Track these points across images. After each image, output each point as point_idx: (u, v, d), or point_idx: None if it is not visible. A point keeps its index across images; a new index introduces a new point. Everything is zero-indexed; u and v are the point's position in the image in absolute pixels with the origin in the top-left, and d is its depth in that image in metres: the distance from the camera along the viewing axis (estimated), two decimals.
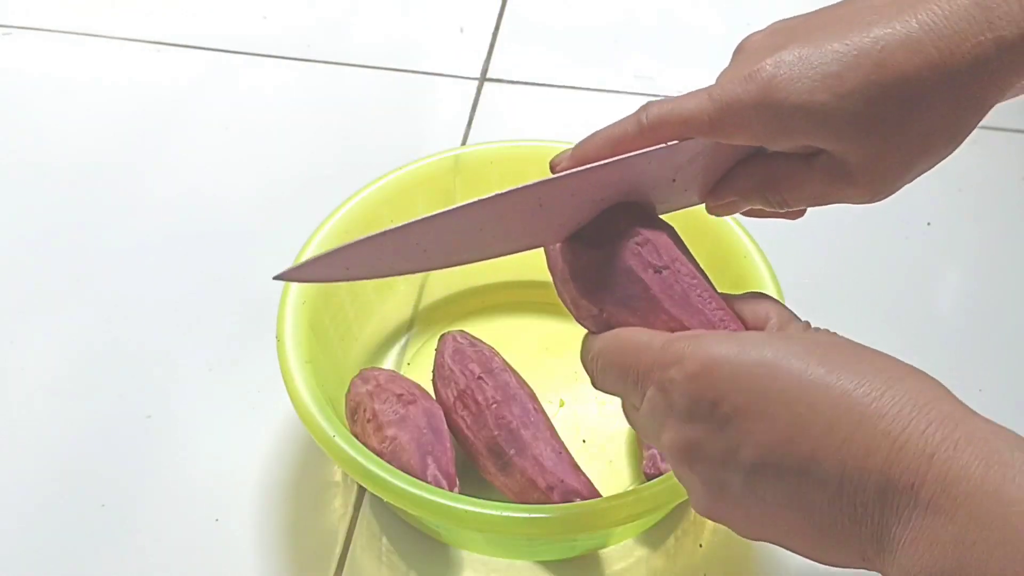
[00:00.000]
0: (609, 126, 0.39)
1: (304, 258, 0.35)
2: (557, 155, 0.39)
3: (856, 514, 0.28)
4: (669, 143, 0.37)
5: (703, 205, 0.41)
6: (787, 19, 0.38)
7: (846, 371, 0.29)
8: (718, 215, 0.41)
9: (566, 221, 0.38)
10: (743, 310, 0.37)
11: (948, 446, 0.27)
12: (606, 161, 0.37)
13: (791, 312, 0.36)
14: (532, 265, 0.64)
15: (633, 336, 0.35)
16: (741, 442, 0.30)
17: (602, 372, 0.36)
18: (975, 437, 0.27)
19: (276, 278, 0.37)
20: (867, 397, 0.28)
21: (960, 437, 0.27)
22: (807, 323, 0.35)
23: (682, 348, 0.32)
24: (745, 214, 0.42)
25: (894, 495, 0.27)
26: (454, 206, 0.35)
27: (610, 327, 0.37)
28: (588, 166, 0.37)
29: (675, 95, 0.37)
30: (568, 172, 0.37)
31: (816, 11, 0.36)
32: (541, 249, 0.41)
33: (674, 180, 0.39)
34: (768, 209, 0.39)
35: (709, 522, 0.53)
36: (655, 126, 0.37)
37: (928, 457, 0.27)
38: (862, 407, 0.28)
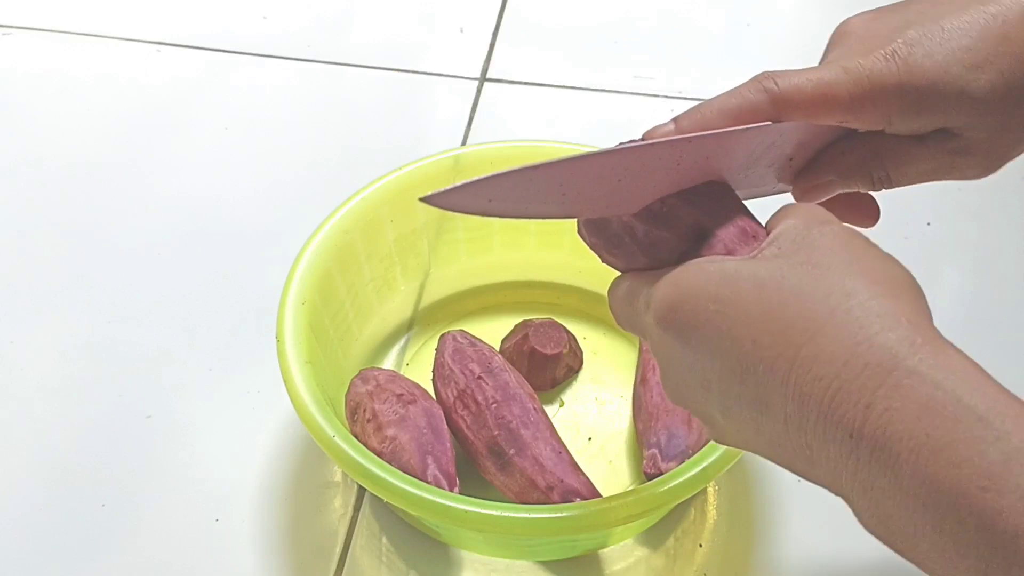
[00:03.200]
0: (726, 95, 0.36)
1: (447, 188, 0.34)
2: (655, 127, 0.37)
3: (809, 455, 0.28)
4: (760, 125, 0.35)
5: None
6: (885, 6, 0.37)
7: (794, 299, 0.28)
8: (806, 199, 0.38)
9: (641, 196, 0.36)
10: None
11: (884, 393, 0.25)
12: (753, 126, 0.34)
13: (796, 219, 0.33)
14: (532, 265, 0.64)
15: (625, 284, 0.36)
16: (707, 378, 0.31)
17: (617, 316, 0.37)
18: (915, 383, 0.25)
19: (422, 199, 0.34)
20: (804, 334, 0.28)
21: (898, 382, 0.25)
22: (803, 224, 0.32)
23: (648, 294, 0.33)
24: (827, 204, 0.39)
25: (835, 444, 0.26)
26: (599, 150, 0.34)
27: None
28: (740, 127, 0.35)
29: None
30: (716, 132, 0.35)
31: None
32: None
33: (791, 159, 0.37)
34: (863, 191, 0.38)
35: (709, 522, 0.53)
36: (786, 97, 0.34)
37: (864, 408, 0.25)
38: (795, 347, 0.27)
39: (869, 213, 0.40)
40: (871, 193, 0.40)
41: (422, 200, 0.34)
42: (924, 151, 0.35)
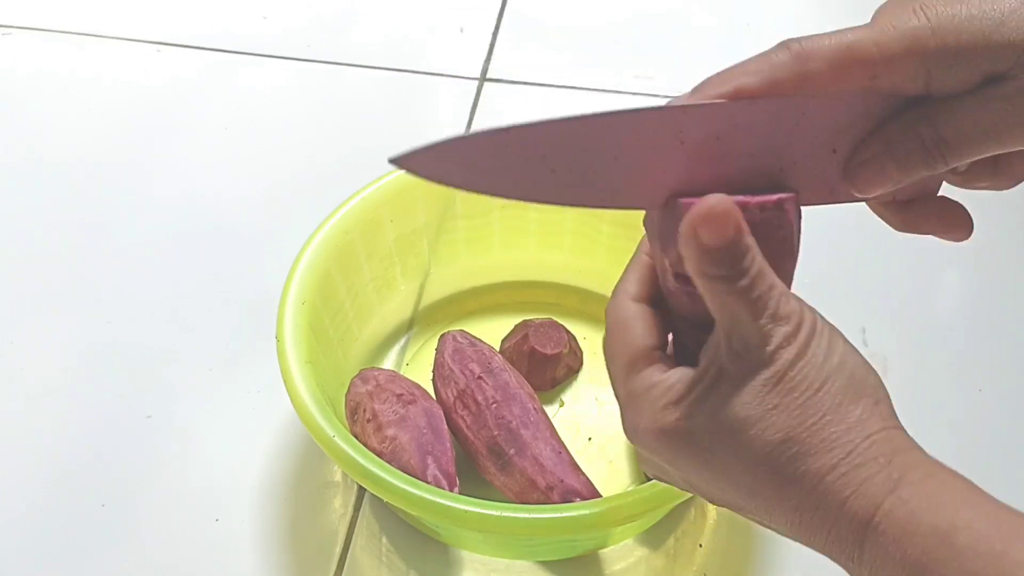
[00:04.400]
0: (739, 67, 0.33)
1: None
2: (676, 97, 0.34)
3: (818, 546, 0.32)
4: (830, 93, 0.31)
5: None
6: None
7: (788, 460, 0.31)
8: (861, 188, 0.35)
9: (706, 175, 0.32)
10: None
11: (871, 533, 0.29)
12: (765, 99, 0.32)
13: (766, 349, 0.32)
14: (532, 265, 0.64)
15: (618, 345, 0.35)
16: (700, 490, 0.34)
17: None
18: (892, 521, 0.29)
19: (391, 160, 0.31)
20: (803, 489, 0.31)
21: (877, 524, 0.29)
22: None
23: (636, 421, 0.34)
24: (913, 219, 0.38)
25: (839, 558, 0.31)
26: (585, 113, 0.30)
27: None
28: (741, 101, 0.32)
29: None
30: (715, 102, 0.32)
31: None
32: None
33: (834, 151, 0.34)
34: (922, 171, 0.34)
35: (709, 522, 0.53)
36: (808, 53, 0.32)
37: (874, 508, 0.29)
38: (796, 499, 0.31)
39: (959, 223, 0.38)
40: (960, 204, 0.38)
41: (390, 161, 0.30)
42: (975, 102, 0.32)
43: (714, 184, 0.32)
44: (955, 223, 0.38)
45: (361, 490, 0.54)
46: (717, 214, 0.30)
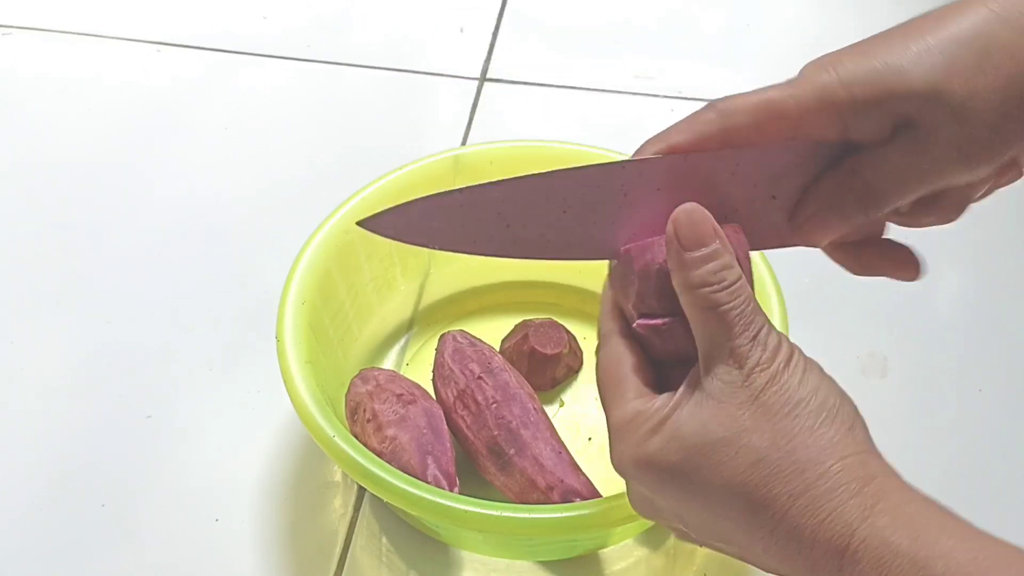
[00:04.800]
0: (672, 127, 0.36)
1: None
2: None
3: (799, 565, 0.31)
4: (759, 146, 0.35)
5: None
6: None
7: (763, 480, 0.31)
8: (806, 239, 0.39)
9: (652, 226, 0.34)
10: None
11: (848, 558, 0.29)
12: (698, 153, 0.34)
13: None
14: (532, 265, 0.64)
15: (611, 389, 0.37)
16: (687, 523, 0.34)
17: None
18: (867, 548, 0.29)
19: (359, 223, 0.35)
20: (779, 511, 0.31)
21: (855, 549, 0.29)
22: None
23: (624, 450, 0.35)
24: (863, 262, 0.41)
25: (823, 573, 0.31)
26: (534, 173, 0.33)
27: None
28: (676, 155, 0.34)
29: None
30: (653, 157, 0.34)
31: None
32: None
33: (774, 197, 0.36)
34: (859, 217, 0.37)
35: None
36: (732, 109, 0.35)
37: (849, 535, 0.30)
38: (772, 524, 0.31)
39: (906, 263, 0.41)
40: (905, 246, 0.41)
41: (358, 224, 0.34)
42: (892, 149, 0.35)
43: (662, 234, 0.34)
44: (902, 263, 0.41)
45: (361, 490, 0.54)
46: (692, 212, 0.33)
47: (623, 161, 0.34)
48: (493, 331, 0.61)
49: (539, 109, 0.82)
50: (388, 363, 0.61)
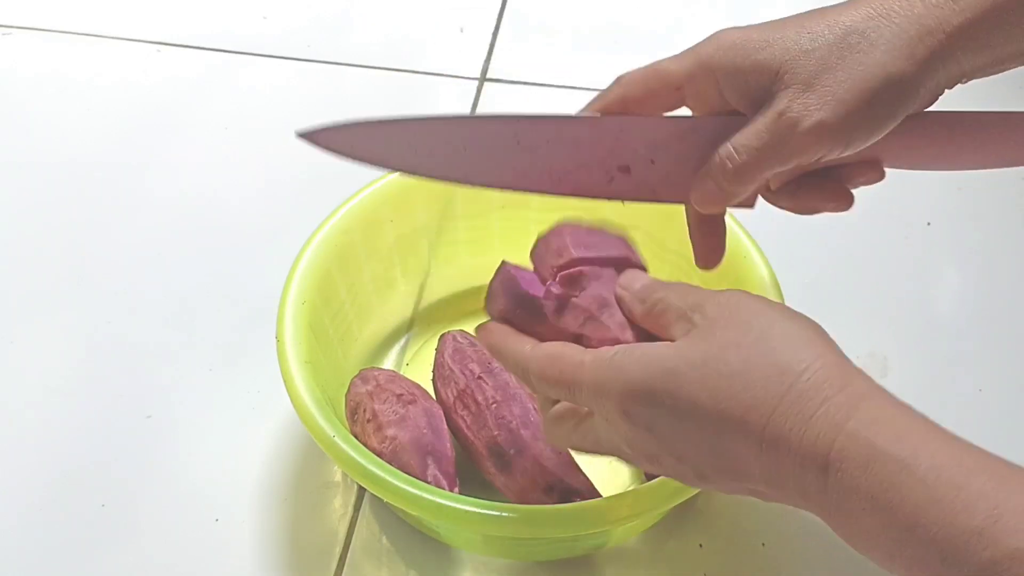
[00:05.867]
0: (592, 100, 0.41)
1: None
2: None
3: (788, 499, 0.33)
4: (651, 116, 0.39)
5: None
6: None
7: (743, 388, 0.32)
8: (704, 205, 0.41)
9: (547, 171, 0.39)
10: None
11: (835, 455, 0.30)
12: (578, 115, 0.39)
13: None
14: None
15: (564, 353, 0.38)
16: (679, 454, 0.35)
17: (538, 383, 0.39)
18: (853, 445, 0.30)
19: (298, 133, 0.39)
20: (761, 418, 0.31)
21: (842, 446, 0.30)
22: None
23: (606, 376, 0.35)
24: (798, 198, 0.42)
25: (808, 494, 0.31)
26: (441, 115, 0.38)
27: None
28: (559, 115, 0.39)
29: None
30: (543, 115, 0.39)
31: None
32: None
33: (652, 162, 0.40)
34: (739, 187, 0.39)
35: (709, 522, 0.53)
36: (626, 83, 0.40)
37: (823, 471, 0.30)
38: (758, 431, 0.32)
39: (838, 196, 0.42)
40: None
41: (297, 134, 0.38)
42: (754, 121, 0.37)
43: (550, 179, 0.40)
44: (835, 195, 0.42)
45: (361, 490, 0.54)
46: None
47: (518, 115, 0.39)
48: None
49: (539, 109, 0.82)
50: (388, 363, 0.61)
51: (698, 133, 0.39)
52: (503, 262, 0.41)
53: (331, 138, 0.38)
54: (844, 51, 0.35)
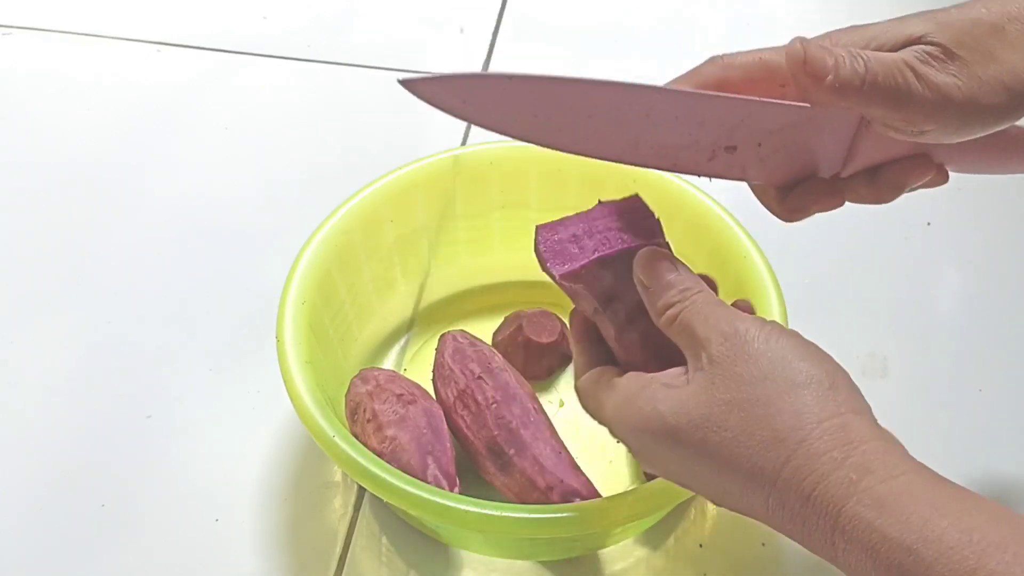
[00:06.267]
0: (676, 78, 0.40)
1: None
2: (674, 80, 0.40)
3: (799, 541, 0.32)
4: (738, 96, 0.37)
5: None
6: None
7: (747, 451, 0.32)
8: (790, 214, 0.41)
9: (660, 145, 0.38)
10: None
11: (839, 535, 0.29)
12: (714, 94, 0.37)
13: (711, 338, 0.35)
14: (532, 265, 0.64)
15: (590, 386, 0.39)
16: (687, 487, 0.36)
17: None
18: (857, 526, 0.29)
19: (400, 81, 0.35)
20: (766, 482, 0.31)
21: (844, 527, 0.29)
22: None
23: (621, 416, 0.36)
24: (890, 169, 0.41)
25: (818, 550, 0.31)
26: (575, 77, 0.35)
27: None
28: (688, 91, 0.37)
29: None
30: (684, 90, 0.37)
31: None
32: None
33: (760, 144, 0.39)
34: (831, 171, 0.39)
35: (709, 522, 0.53)
36: (727, 67, 0.39)
37: (831, 546, 0.30)
38: (764, 494, 0.31)
39: (832, 193, 0.41)
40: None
41: (400, 82, 0.34)
42: (893, 55, 0.36)
43: (658, 153, 0.38)
44: (829, 193, 0.41)
45: (361, 490, 0.54)
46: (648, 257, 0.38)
47: (653, 87, 0.37)
48: (493, 331, 0.61)
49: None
50: (388, 363, 0.61)
51: (813, 123, 0.38)
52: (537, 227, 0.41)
53: (437, 90, 0.34)
54: (995, 36, 0.34)
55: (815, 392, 0.31)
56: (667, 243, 0.40)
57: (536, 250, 0.41)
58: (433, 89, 0.34)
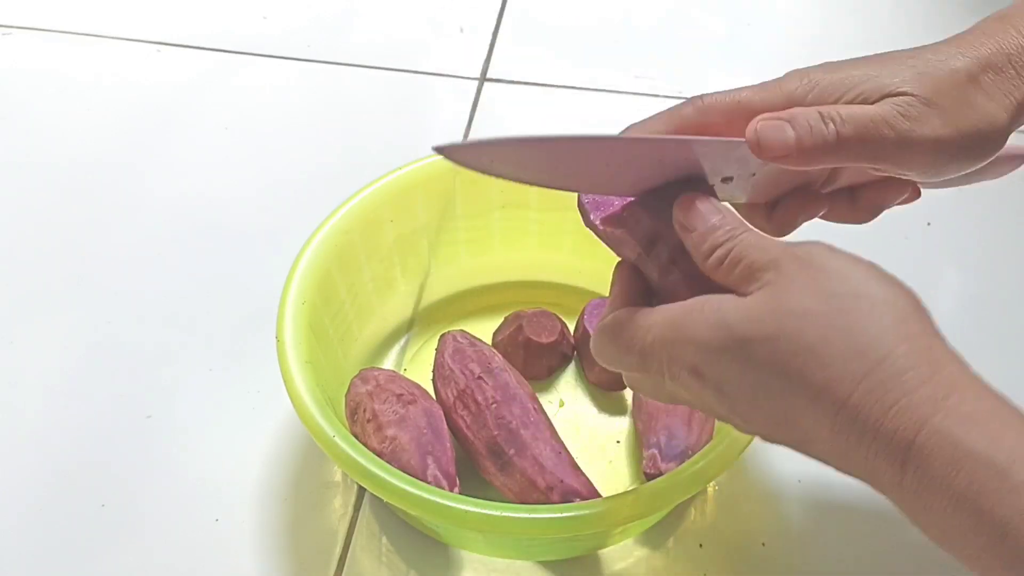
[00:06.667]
0: (652, 117, 0.40)
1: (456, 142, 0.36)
2: (630, 125, 0.40)
3: (857, 469, 0.31)
4: (730, 139, 0.38)
5: None
6: None
7: (819, 361, 0.30)
8: (779, 229, 0.42)
9: (629, 183, 0.39)
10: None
11: (915, 452, 0.28)
12: (669, 137, 0.38)
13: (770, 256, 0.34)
14: (532, 265, 0.64)
15: (632, 320, 0.36)
16: (746, 418, 0.33)
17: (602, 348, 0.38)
18: (939, 442, 0.28)
19: (434, 148, 0.35)
20: (840, 395, 0.30)
21: (924, 442, 0.28)
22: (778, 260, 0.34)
23: (674, 337, 0.34)
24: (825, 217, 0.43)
25: (880, 481, 0.30)
26: (592, 135, 0.36)
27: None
28: (653, 135, 0.38)
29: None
30: (634, 136, 0.38)
31: None
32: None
33: (754, 174, 0.39)
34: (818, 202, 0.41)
35: (709, 522, 0.53)
36: (706, 111, 0.38)
37: (901, 464, 0.29)
38: (835, 408, 0.30)
39: (816, 202, 0.42)
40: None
41: (434, 148, 0.35)
42: (871, 107, 0.36)
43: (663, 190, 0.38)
44: (814, 202, 0.42)
45: (361, 490, 0.54)
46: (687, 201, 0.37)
47: (667, 138, 0.38)
48: (493, 331, 0.61)
49: (539, 109, 0.82)
50: (388, 363, 0.61)
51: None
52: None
53: (468, 156, 0.35)
54: (971, 85, 0.36)
55: (899, 312, 0.30)
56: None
57: (578, 204, 0.40)
58: (461, 155, 0.36)
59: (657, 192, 0.38)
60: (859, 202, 0.42)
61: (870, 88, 0.36)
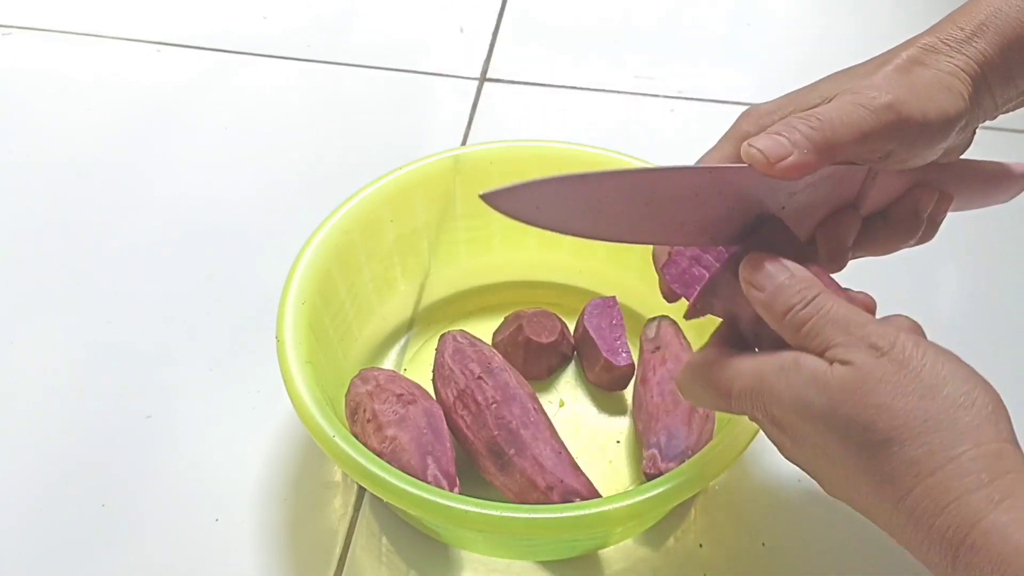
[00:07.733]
0: (717, 144, 0.41)
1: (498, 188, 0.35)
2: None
3: (913, 550, 0.32)
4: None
5: None
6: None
7: (901, 448, 0.31)
8: (832, 260, 0.43)
9: (705, 221, 0.38)
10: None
11: (965, 550, 0.29)
12: (734, 165, 0.38)
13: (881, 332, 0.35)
14: (532, 265, 0.64)
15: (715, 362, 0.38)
16: (814, 472, 0.36)
17: (691, 389, 0.39)
18: (989, 541, 0.29)
19: (482, 196, 0.35)
20: (912, 480, 0.31)
21: (974, 541, 0.29)
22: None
23: (765, 404, 0.35)
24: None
25: (938, 556, 0.31)
26: (626, 168, 0.35)
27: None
28: (724, 166, 0.38)
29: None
30: (732, 166, 0.38)
31: None
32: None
33: (783, 207, 0.39)
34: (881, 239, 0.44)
35: (709, 522, 0.53)
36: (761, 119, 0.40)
37: (952, 559, 0.30)
38: (901, 493, 0.31)
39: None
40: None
41: (481, 196, 0.35)
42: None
43: (702, 230, 0.38)
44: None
45: (361, 490, 0.54)
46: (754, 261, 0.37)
47: (703, 167, 0.37)
48: (493, 331, 0.61)
49: (539, 109, 0.82)
50: (388, 363, 0.61)
51: (831, 180, 0.40)
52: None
53: (510, 203, 0.35)
54: (914, 67, 0.38)
55: (975, 414, 0.32)
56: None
57: (659, 283, 0.41)
58: (504, 202, 0.35)
59: (725, 264, 0.38)
60: (893, 216, 0.44)
61: (831, 91, 0.38)
